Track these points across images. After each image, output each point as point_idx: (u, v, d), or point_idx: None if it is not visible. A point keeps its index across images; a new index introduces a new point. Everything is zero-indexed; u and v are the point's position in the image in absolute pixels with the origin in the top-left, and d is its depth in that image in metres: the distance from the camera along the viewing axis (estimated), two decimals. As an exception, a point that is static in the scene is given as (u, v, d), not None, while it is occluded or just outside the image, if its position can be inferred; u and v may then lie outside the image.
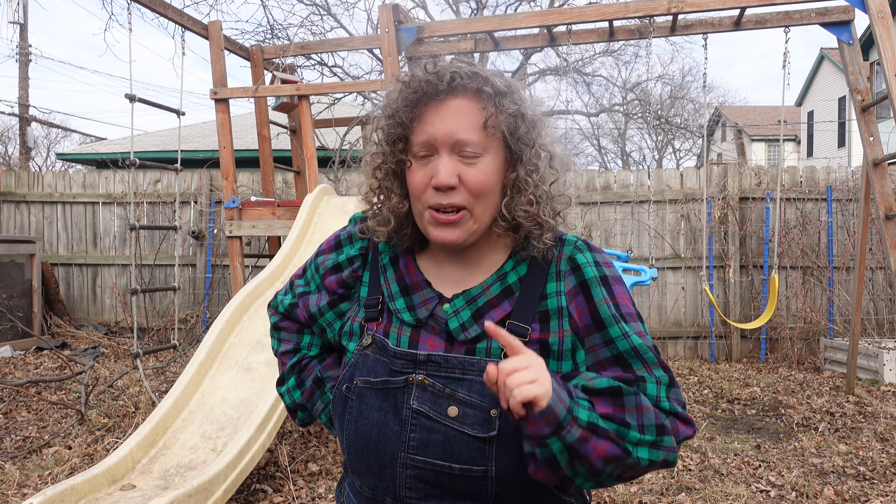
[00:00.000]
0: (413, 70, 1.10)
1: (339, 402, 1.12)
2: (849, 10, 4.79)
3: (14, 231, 8.32)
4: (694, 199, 7.37)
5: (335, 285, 1.21)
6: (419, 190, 1.07)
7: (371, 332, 1.12)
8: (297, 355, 1.29)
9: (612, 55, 20.32)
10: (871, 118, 4.76)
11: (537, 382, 0.90)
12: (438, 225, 1.07)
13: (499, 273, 1.12)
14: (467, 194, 1.05)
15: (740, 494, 3.44)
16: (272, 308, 1.34)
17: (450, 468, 1.01)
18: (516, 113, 1.07)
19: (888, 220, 4.52)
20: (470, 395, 1.03)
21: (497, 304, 1.09)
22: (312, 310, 1.23)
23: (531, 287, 1.10)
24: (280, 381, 1.32)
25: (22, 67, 14.47)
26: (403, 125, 1.07)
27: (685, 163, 34.61)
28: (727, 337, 7.31)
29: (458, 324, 1.08)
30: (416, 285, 1.14)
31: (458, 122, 1.04)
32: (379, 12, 5.19)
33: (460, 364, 1.05)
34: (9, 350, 6.96)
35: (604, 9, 4.96)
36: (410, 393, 1.05)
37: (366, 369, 1.10)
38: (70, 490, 2.68)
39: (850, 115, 19.62)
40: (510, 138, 1.07)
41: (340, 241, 1.24)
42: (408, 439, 1.03)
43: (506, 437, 1.00)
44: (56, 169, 25.60)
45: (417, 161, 1.07)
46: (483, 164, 1.05)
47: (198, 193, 8.05)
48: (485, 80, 1.06)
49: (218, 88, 5.34)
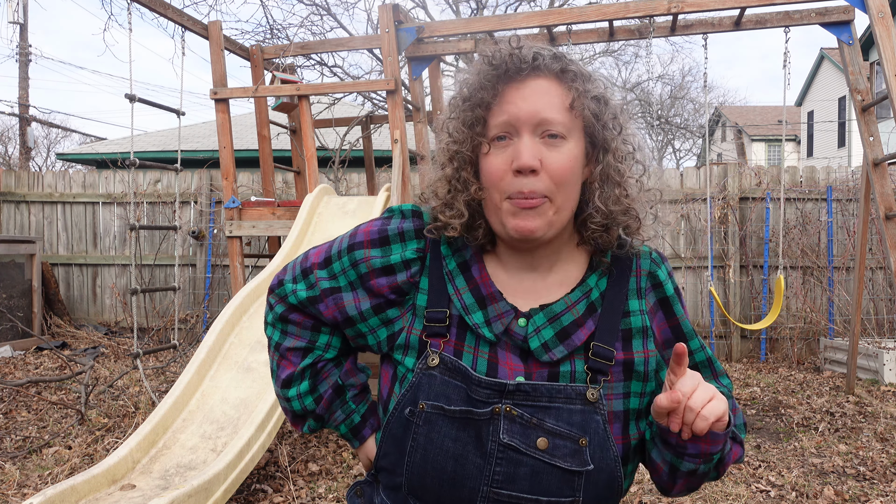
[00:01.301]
0: (495, 48, 1.02)
1: (398, 424, 1.00)
2: (849, 10, 4.79)
3: (14, 231, 8.32)
4: (694, 199, 7.37)
5: (387, 290, 1.06)
6: (497, 176, 0.97)
7: (437, 351, 1.00)
8: (311, 356, 1.14)
9: (612, 55, 20.33)
10: (871, 118, 4.76)
11: (717, 399, 0.89)
12: (518, 212, 0.96)
13: (583, 289, 1.04)
14: (549, 181, 0.96)
15: (740, 494, 3.44)
16: (277, 296, 1.15)
17: (537, 501, 0.96)
18: (601, 98, 1.01)
19: (888, 220, 4.52)
20: (558, 425, 0.96)
21: (583, 324, 1.01)
22: (350, 312, 1.08)
23: (613, 304, 1.03)
24: (286, 383, 1.14)
25: (22, 67, 14.48)
26: (483, 105, 0.99)
27: (685, 163, 34.62)
28: (727, 337, 7.31)
29: (540, 343, 0.99)
30: (491, 296, 1.02)
31: (542, 101, 0.97)
32: (379, 12, 5.19)
33: (548, 392, 0.97)
34: (9, 350, 6.96)
35: (604, 9, 4.96)
36: (497, 425, 0.96)
37: (433, 393, 0.98)
38: (70, 490, 2.68)
39: (850, 115, 19.62)
40: (596, 124, 1.00)
41: (388, 238, 1.07)
42: (492, 473, 0.95)
43: (595, 467, 0.97)
44: (56, 169, 25.61)
45: (495, 146, 0.99)
46: (567, 148, 0.97)
47: (198, 193, 8.05)
48: (570, 62, 1.00)
49: (218, 88, 5.34)
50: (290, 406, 1.16)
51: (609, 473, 0.97)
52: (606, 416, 0.98)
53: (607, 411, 0.99)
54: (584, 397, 0.97)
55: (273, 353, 1.17)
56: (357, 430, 1.15)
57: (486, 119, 0.99)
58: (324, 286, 1.10)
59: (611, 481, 0.98)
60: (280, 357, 1.16)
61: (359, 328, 1.08)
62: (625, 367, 1.01)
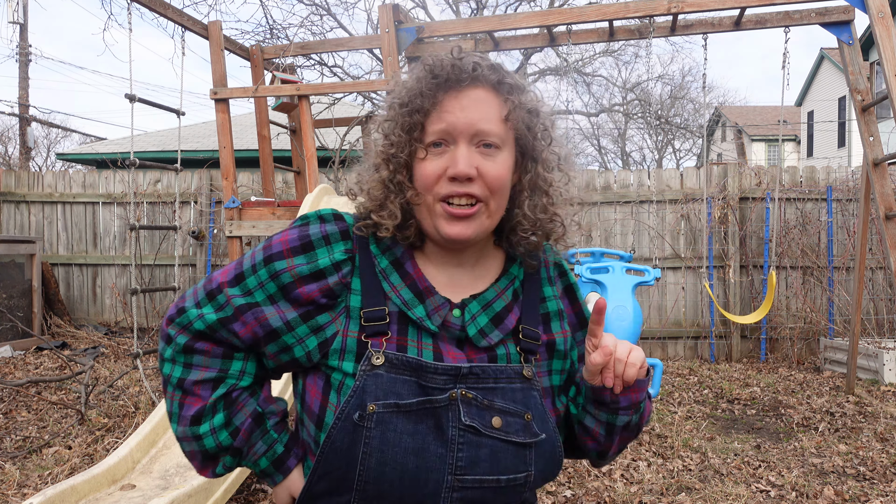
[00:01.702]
0: (436, 56, 1.05)
1: (342, 435, 0.97)
2: (849, 10, 4.79)
3: (14, 231, 8.32)
4: (694, 199, 7.37)
5: (317, 295, 1.02)
6: (431, 181, 1.01)
7: (380, 350, 1.00)
8: (223, 385, 1.06)
9: (612, 55, 20.31)
10: (871, 118, 4.76)
11: (635, 348, 1.02)
12: (452, 219, 1.01)
13: (507, 277, 1.10)
14: (485, 188, 1.01)
15: (740, 494, 3.44)
16: (178, 326, 1.06)
17: (497, 481, 0.99)
18: (533, 109, 1.05)
19: (888, 220, 4.52)
20: (506, 404, 1.02)
21: (512, 309, 1.08)
22: (275, 324, 1.02)
23: (531, 291, 1.12)
24: (195, 420, 1.04)
25: (22, 67, 14.48)
26: (422, 111, 1.02)
27: (685, 163, 34.62)
28: (727, 337, 7.31)
29: (477, 330, 1.04)
30: (427, 290, 1.04)
31: (480, 112, 1.00)
32: (379, 12, 5.19)
33: (493, 373, 1.02)
34: (9, 350, 6.96)
35: (604, 9, 4.96)
36: (457, 409, 0.98)
37: (382, 392, 0.97)
38: (70, 490, 2.68)
39: (850, 115, 19.62)
40: (528, 135, 1.04)
41: (312, 243, 1.05)
42: (455, 460, 0.97)
43: (542, 440, 1.04)
44: (56, 169, 25.60)
45: (430, 152, 1.02)
46: (501, 158, 1.02)
47: (198, 193, 8.05)
48: (506, 74, 1.04)
49: (218, 88, 5.34)
50: (202, 445, 1.06)
51: (552, 444, 1.05)
52: (541, 391, 1.07)
53: (541, 387, 1.07)
54: (521, 376, 1.04)
55: (172, 392, 1.07)
56: (280, 461, 1.07)
57: (423, 125, 1.02)
58: (238, 303, 1.03)
59: (553, 451, 1.05)
60: (183, 394, 1.06)
61: (284, 340, 1.03)
62: (548, 347, 1.10)
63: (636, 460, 3.96)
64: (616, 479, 3.65)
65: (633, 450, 4.15)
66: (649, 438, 4.37)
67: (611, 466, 3.84)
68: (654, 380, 4.02)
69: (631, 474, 3.74)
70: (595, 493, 3.46)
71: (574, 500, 3.41)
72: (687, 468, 3.87)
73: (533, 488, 1.06)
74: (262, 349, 1.06)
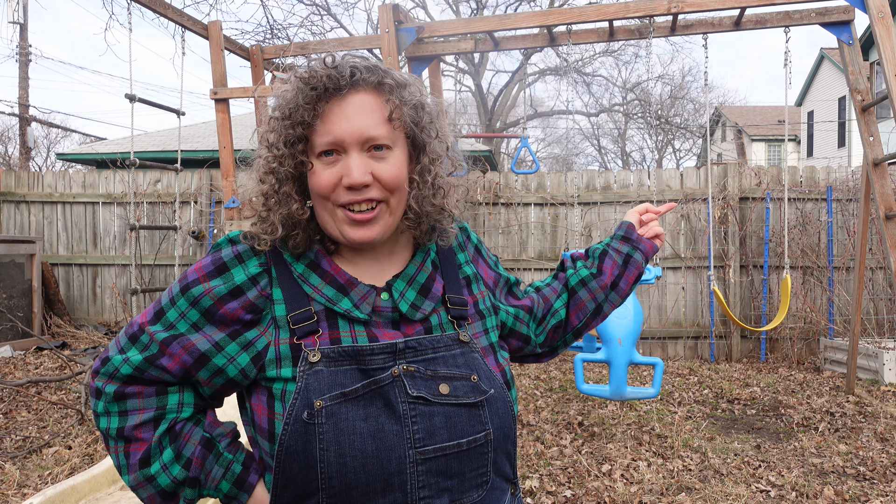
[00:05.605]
0: (309, 66, 1.04)
1: (295, 437, 0.95)
2: (849, 10, 4.79)
3: (14, 231, 8.32)
4: (694, 199, 7.37)
5: (240, 312, 1.02)
6: (327, 190, 1.01)
7: (314, 347, 1.00)
8: (164, 422, 1.04)
9: (612, 55, 20.33)
10: (871, 118, 4.76)
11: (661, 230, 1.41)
12: (354, 224, 1.02)
13: (423, 251, 1.15)
14: (383, 189, 1.02)
15: (740, 494, 3.44)
16: (105, 376, 1.04)
17: (458, 446, 1.01)
18: (418, 104, 1.06)
19: (888, 220, 4.52)
20: (450, 370, 1.04)
21: (435, 279, 1.13)
22: (203, 348, 1.01)
23: (448, 260, 1.18)
24: (144, 462, 1.02)
25: (22, 67, 14.48)
26: (304, 124, 1.01)
27: (685, 163, 34.61)
28: (727, 337, 7.31)
29: (409, 305, 1.08)
30: (349, 283, 1.06)
31: (365, 118, 1.01)
32: (379, 12, 5.19)
33: (431, 344, 1.05)
34: (9, 350, 6.96)
35: (604, 9, 4.96)
36: (402, 384, 1.00)
37: (325, 386, 0.97)
38: (70, 490, 2.68)
39: (850, 115, 19.63)
40: (415, 129, 1.06)
41: (225, 264, 1.04)
42: (412, 433, 0.98)
43: (492, 396, 1.06)
44: (56, 169, 25.62)
45: (321, 161, 1.02)
46: (394, 157, 1.04)
47: (198, 193, 8.05)
48: (385, 73, 1.04)
49: (218, 88, 5.34)
50: (157, 486, 1.03)
51: (503, 399, 1.08)
52: (481, 351, 1.11)
53: (479, 347, 1.11)
54: (459, 341, 1.08)
55: (115, 444, 1.04)
56: (241, 480, 1.05)
57: (308, 137, 1.02)
58: (161, 337, 1.02)
59: (505, 406, 1.08)
60: (126, 443, 1.04)
61: (215, 363, 1.02)
62: (475, 309, 1.16)
63: (636, 460, 3.96)
64: (616, 480, 3.65)
65: (633, 450, 4.15)
66: (649, 438, 4.37)
67: (611, 466, 3.84)
68: (654, 379, 4.02)
69: (631, 474, 3.74)
70: (595, 493, 3.46)
71: (574, 500, 3.41)
72: (687, 468, 3.87)
73: (496, 449, 1.05)
74: (195, 377, 1.04)
